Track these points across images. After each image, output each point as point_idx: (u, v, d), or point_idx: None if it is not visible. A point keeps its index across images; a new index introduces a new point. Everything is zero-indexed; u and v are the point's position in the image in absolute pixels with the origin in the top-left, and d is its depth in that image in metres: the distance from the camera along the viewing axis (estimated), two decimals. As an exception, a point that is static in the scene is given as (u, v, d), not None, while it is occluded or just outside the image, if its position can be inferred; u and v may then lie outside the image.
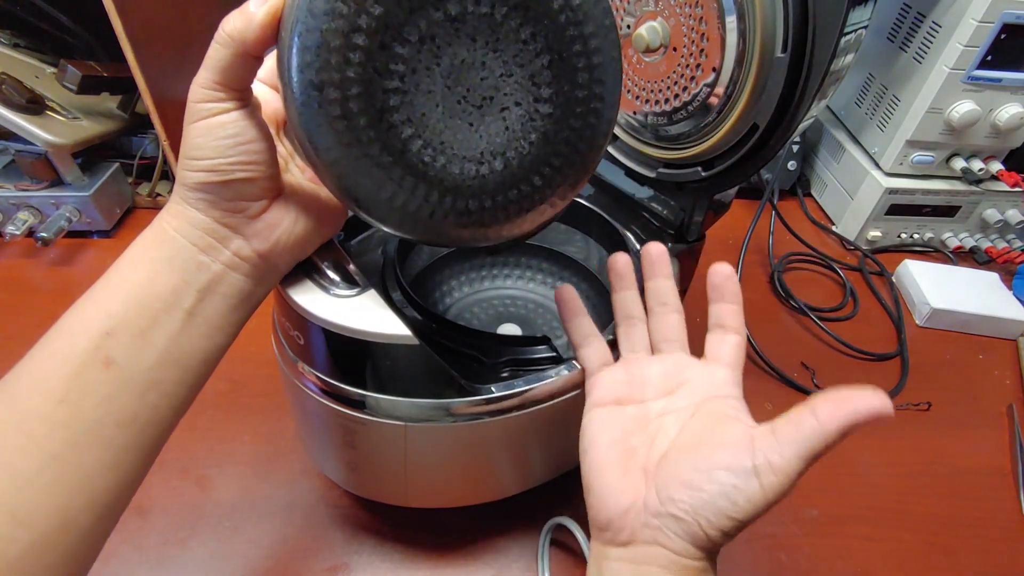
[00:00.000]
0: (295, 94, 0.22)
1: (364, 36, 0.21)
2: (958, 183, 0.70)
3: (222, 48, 0.23)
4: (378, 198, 0.24)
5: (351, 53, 0.22)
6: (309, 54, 0.21)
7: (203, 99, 0.24)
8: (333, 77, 0.22)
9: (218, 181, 0.25)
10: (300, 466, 0.46)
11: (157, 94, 0.59)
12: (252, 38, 0.22)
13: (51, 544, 0.23)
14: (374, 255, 0.43)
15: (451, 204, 0.25)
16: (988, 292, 0.65)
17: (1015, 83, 0.61)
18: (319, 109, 0.22)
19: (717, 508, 0.25)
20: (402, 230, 0.26)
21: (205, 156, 0.24)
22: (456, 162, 0.25)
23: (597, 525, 0.29)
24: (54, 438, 0.23)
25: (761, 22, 0.32)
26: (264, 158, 0.25)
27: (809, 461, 0.24)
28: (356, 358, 0.32)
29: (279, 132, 0.30)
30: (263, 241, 0.27)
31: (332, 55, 0.21)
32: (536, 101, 0.25)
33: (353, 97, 0.22)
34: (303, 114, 0.23)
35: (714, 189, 0.40)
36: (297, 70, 0.22)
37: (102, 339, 0.24)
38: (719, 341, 0.32)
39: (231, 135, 0.24)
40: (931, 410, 0.55)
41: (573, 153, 0.27)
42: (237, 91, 0.24)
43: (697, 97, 0.37)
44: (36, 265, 0.63)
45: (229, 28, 0.23)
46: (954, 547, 0.45)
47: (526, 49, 0.24)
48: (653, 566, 0.26)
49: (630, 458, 0.29)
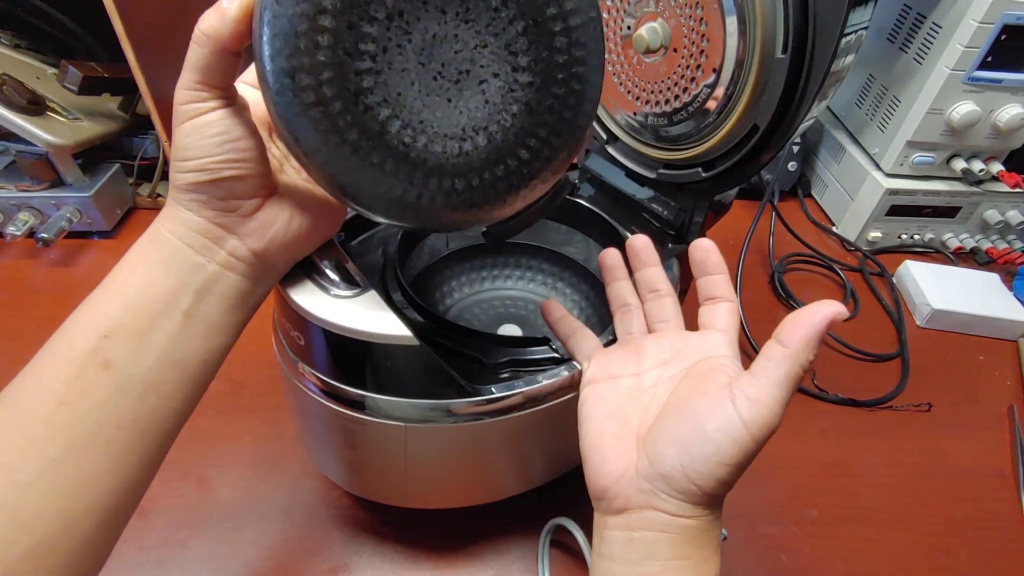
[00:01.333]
0: (269, 84, 0.22)
1: (331, 17, 0.21)
2: (958, 184, 0.70)
3: (200, 47, 0.23)
4: (363, 184, 0.24)
5: (319, 36, 0.21)
6: (279, 41, 0.21)
7: (187, 100, 0.24)
8: (303, 62, 0.21)
9: (207, 180, 0.25)
10: (300, 467, 0.46)
11: (157, 95, 0.59)
12: (227, 33, 0.22)
13: (52, 547, 0.23)
14: (374, 255, 0.43)
15: (437, 185, 0.25)
16: (988, 293, 0.65)
17: (1015, 84, 0.61)
18: (293, 97, 0.22)
19: (704, 456, 0.25)
20: (392, 217, 0.26)
21: (193, 156, 0.24)
22: (438, 140, 0.24)
23: (594, 495, 0.29)
24: (54, 441, 0.23)
25: (761, 23, 0.32)
26: (252, 155, 0.25)
27: (786, 386, 0.25)
28: (356, 358, 0.32)
29: (272, 134, 0.30)
30: (258, 240, 0.27)
31: (301, 40, 0.21)
32: (514, 70, 0.24)
33: (326, 82, 0.22)
34: (279, 103, 0.22)
35: (714, 190, 0.40)
36: (269, 59, 0.21)
37: (101, 341, 0.24)
38: (710, 311, 0.32)
39: (217, 133, 0.24)
40: (932, 411, 0.55)
41: (559, 122, 0.26)
42: (219, 89, 0.24)
43: (697, 98, 0.37)
44: (37, 266, 0.63)
45: (204, 26, 0.23)
46: (954, 547, 0.45)
47: (498, 17, 0.23)
48: (650, 531, 0.26)
49: (624, 427, 0.29)
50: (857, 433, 0.52)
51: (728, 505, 0.45)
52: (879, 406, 0.55)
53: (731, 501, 0.46)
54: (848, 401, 0.54)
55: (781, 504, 0.46)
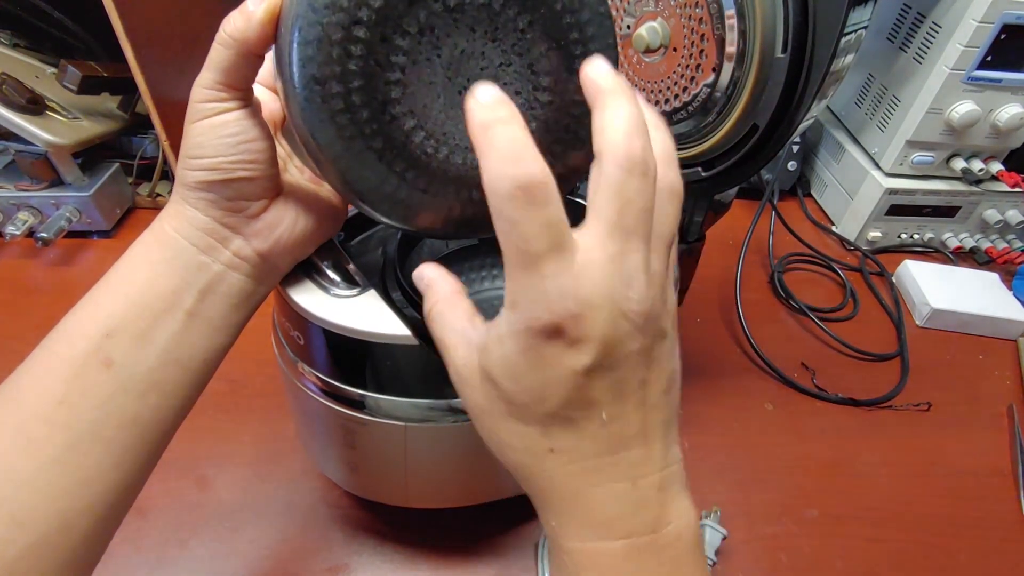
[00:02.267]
0: (297, 89, 0.22)
1: (365, 29, 0.22)
2: (958, 183, 0.70)
3: (224, 49, 0.23)
4: (382, 191, 0.25)
5: (352, 46, 0.22)
6: (310, 48, 0.21)
7: (205, 99, 0.24)
8: (335, 71, 0.22)
9: (219, 180, 0.25)
10: (300, 466, 0.46)
11: (157, 94, 0.59)
12: (253, 37, 0.22)
13: (50, 546, 0.23)
14: (374, 255, 0.43)
15: (455, 194, 0.26)
16: (988, 292, 0.65)
17: (1015, 83, 0.61)
18: (322, 104, 0.22)
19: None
20: (409, 224, 0.26)
21: (206, 155, 0.24)
22: (459, 152, 0.25)
23: None
24: (54, 440, 0.23)
25: (761, 22, 0.32)
26: (265, 157, 0.25)
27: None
28: (356, 358, 0.32)
29: (277, 132, 0.30)
30: (263, 241, 0.27)
31: (333, 49, 0.21)
32: (535, 89, 0.25)
33: (355, 90, 0.22)
34: (306, 109, 0.22)
35: (714, 189, 0.40)
36: (298, 65, 0.22)
37: (102, 340, 0.24)
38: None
39: (233, 134, 0.24)
40: (931, 410, 0.55)
41: (574, 140, 0.27)
42: (239, 90, 0.24)
43: (697, 97, 0.37)
44: (36, 265, 0.63)
45: (230, 28, 0.23)
46: (954, 547, 0.45)
47: (524, 38, 0.24)
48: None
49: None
50: (857, 433, 0.52)
51: (728, 505, 0.46)
52: (879, 406, 0.55)
53: (731, 501, 0.46)
54: (848, 401, 0.54)
55: (781, 504, 0.46)
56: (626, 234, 0.20)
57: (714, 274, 0.67)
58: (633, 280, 0.20)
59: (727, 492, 0.47)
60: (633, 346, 0.20)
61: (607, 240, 0.19)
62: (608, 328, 0.19)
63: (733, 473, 0.48)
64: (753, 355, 0.58)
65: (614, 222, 0.19)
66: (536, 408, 0.21)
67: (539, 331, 0.19)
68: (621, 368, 0.20)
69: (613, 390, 0.21)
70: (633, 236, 0.20)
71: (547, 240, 0.18)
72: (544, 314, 0.19)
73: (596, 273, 0.19)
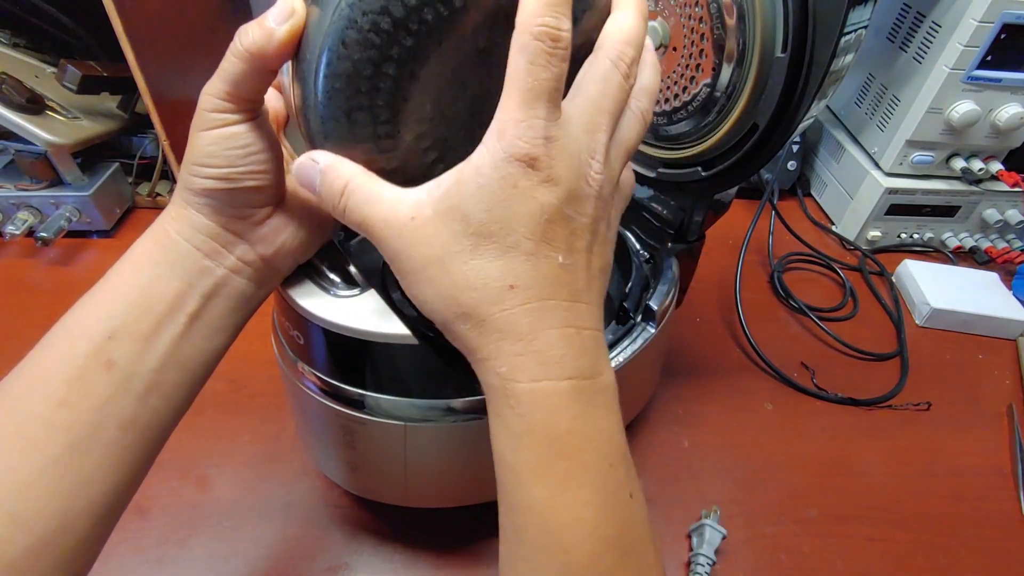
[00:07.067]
0: (321, 119, 0.22)
1: (395, 66, 0.21)
2: (958, 183, 0.70)
3: (238, 61, 0.22)
4: None
5: (381, 82, 0.22)
6: (339, 81, 0.21)
7: (215, 108, 0.23)
8: (362, 103, 0.22)
9: (226, 188, 0.25)
10: (300, 466, 0.46)
11: (157, 94, 0.59)
12: (272, 54, 0.22)
13: (49, 546, 0.23)
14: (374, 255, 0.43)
15: None
16: (988, 292, 0.65)
17: (1015, 83, 0.61)
18: (349, 134, 0.22)
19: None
20: None
21: (215, 164, 0.24)
22: None
23: None
24: (54, 441, 0.23)
25: (761, 22, 0.32)
26: (273, 166, 0.25)
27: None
28: (356, 358, 0.32)
29: (280, 132, 0.30)
30: (268, 246, 0.27)
31: (363, 83, 0.21)
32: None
33: (381, 123, 0.22)
34: (329, 136, 0.23)
35: (714, 189, 0.40)
36: (325, 96, 0.22)
37: (104, 342, 0.24)
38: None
39: (243, 146, 0.24)
40: (931, 410, 0.55)
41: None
42: (250, 102, 0.24)
43: (697, 97, 0.37)
44: (36, 265, 0.63)
45: (248, 43, 0.22)
46: (954, 547, 0.45)
47: None
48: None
49: None
50: (856, 432, 0.52)
51: (728, 504, 0.46)
52: (878, 405, 0.55)
53: (731, 500, 0.46)
54: (847, 400, 0.55)
55: (781, 504, 0.46)
56: (600, 114, 0.23)
57: (714, 274, 0.67)
58: (596, 154, 0.23)
59: (727, 492, 0.47)
60: (588, 208, 0.23)
61: (585, 113, 0.22)
62: (573, 180, 0.22)
63: (733, 472, 0.48)
64: (753, 355, 0.58)
65: (595, 101, 0.23)
66: (503, 239, 0.22)
67: (519, 158, 0.21)
68: (576, 223, 0.23)
69: (568, 241, 0.23)
70: (605, 120, 0.23)
71: (550, 88, 0.21)
72: (526, 145, 0.21)
73: (573, 130, 0.22)
